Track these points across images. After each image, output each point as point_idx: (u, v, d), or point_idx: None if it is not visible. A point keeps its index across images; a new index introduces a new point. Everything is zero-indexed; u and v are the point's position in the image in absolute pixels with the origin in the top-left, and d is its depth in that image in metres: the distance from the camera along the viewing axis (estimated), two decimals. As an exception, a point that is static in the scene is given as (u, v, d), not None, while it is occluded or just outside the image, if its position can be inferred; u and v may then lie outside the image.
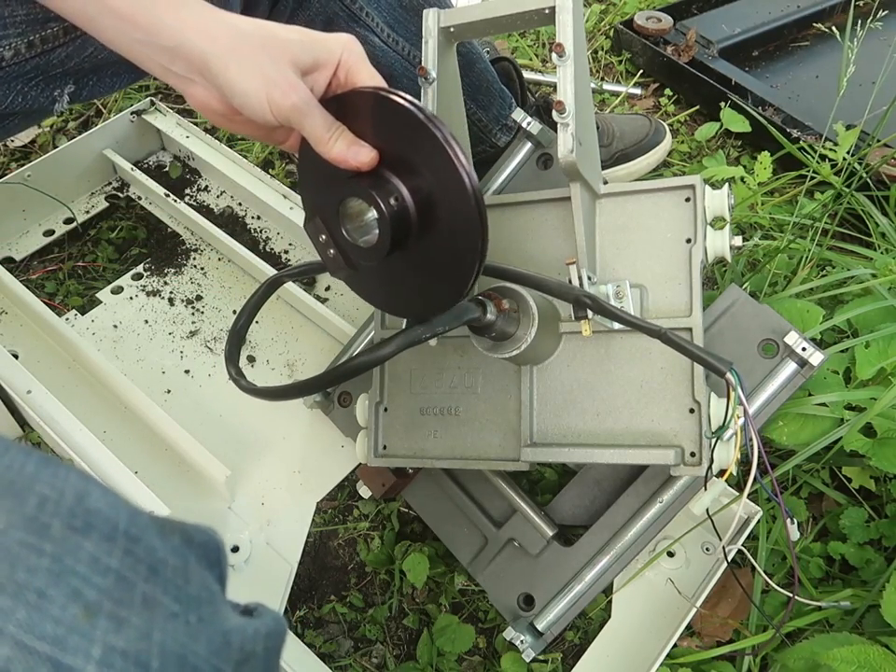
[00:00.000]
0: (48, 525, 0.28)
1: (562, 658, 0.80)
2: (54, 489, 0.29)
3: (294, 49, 0.52)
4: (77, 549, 0.28)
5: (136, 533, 0.30)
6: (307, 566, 0.88)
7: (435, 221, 0.51)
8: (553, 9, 0.61)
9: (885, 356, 0.80)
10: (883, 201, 1.06)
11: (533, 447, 0.67)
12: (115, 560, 0.28)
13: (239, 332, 0.64)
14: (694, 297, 0.66)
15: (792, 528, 0.66)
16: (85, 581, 0.27)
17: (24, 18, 0.66)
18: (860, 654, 0.64)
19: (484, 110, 0.99)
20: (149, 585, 0.29)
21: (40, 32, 0.67)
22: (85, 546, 0.28)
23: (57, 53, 0.69)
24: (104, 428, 0.94)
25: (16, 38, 0.67)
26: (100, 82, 0.76)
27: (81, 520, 0.28)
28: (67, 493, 0.29)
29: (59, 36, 0.68)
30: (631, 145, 1.18)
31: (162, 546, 0.31)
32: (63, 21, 0.68)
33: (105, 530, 0.29)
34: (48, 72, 0.70)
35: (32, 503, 0.28)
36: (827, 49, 1.42)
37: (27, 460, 0.29)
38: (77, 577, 0.27)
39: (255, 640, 0.33)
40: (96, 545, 0.28)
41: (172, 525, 0.33)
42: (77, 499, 0.29)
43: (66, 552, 0.27)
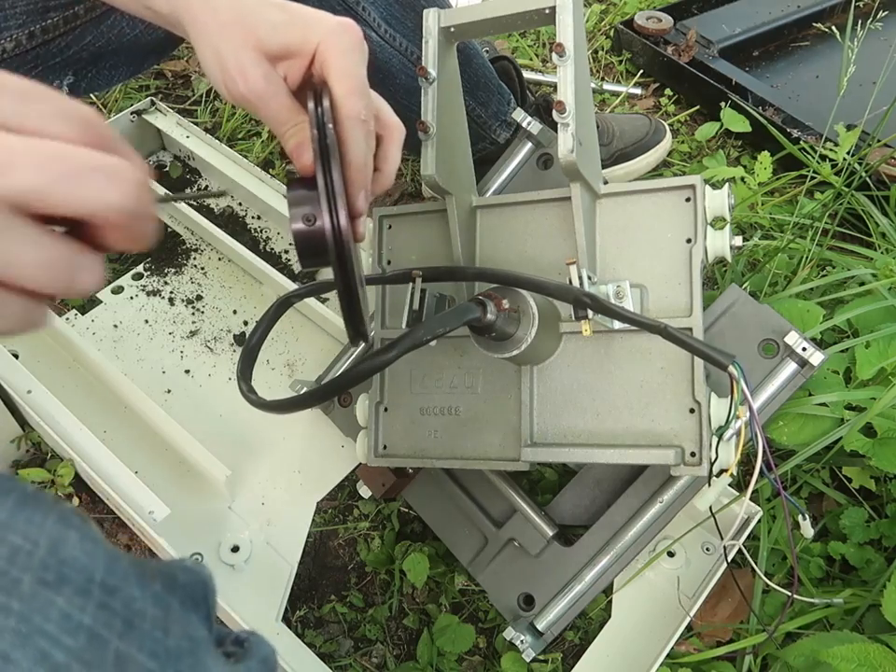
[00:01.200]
0: (18, 580, 0.26)
1: (562, 658, 0.80)
2: (27, 539, 0.27)
3: (262, 33, 0.47)
4: (48, 605, 0.26)
5: (114, 583, 0.28)
6: (307, 566, 0.88)
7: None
8: (553, 9, 0.61)
9: (885, 356, 0.80)
10: (883, 201, 1.06)
11: (533, 447, 0.67)
12: (88, 616, 0.27)
13: (251, 351, 0.64)
14: (695, 297, 0.65)
15: (805, 525, 0.66)
16: (54, 642, 0.26)
17: (25, 9, 0.67)
18: (859, 652, 0.64)
19: (483, 106, 0.99)
20: (124, 642, 0.28)
21: (40, 22, 0.68)
22: (56, 602, 0.27)
23: (56, 42, 0.70)
24: (104, 428, 0.94)
25: (17, 30, 0.67)
26: (98, 74, 0.76)
27: (54, 572, 0.27)
28: (41, 542, 0.27)
29: (59, 26, 0.69)
30: (631, 144, 1.18)
31: (142, 595, 0.29)
32: (63, 11, 0.68)
33: (80, 582, 0.27)
34: (47, 61, 0.71)
35: (2, 555, 0.27)
36: (827, 49, 1.42)
37: (1, 506, 0.28)
38: (45, 637, 0.26)
39: None
40: (68, 600, 0.27)
41: (153, 569, 0.32)
42: (50, 549, 0.27)
43: (35, 609, 0.26)
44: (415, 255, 0.78)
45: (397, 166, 0.55)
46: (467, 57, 0.93)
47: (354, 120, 0.46)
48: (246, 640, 0.35)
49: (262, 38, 0.47)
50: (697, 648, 0.77)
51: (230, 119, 1.31)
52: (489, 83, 0.98)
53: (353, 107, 0.46)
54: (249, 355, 0.64)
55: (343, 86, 0.46)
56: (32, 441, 0.93)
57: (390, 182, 0.55)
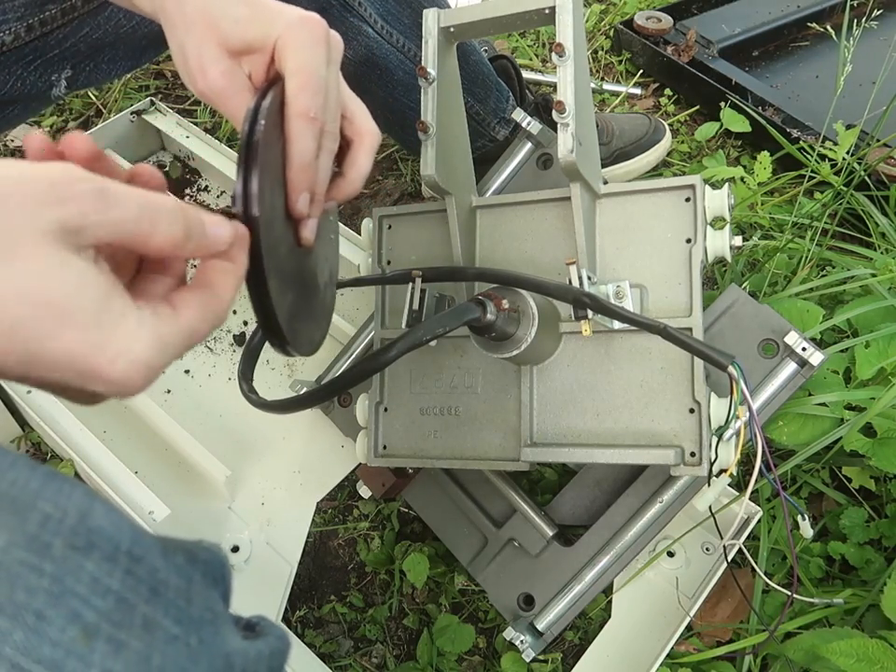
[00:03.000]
0: (49, 544, 0.27)
1: (562, 658, 0.80)
2: (57, 507, 0.28)
3: (225, 28, 0.46)
4: (78, 569, 0.27)
5: (139, 553, 0.29)
6: (307, 566, 0.88)
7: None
8: (552, 9, 0.61)
9: (885, 355, 0.80)
10: (883, 200, 1.06)
11: (533, 447, 0.67)
12: (116, 581, 0.28)
13: (253, 352, 0.64)
14: (694, 297, 0.65)
15: (805, 525, 0.66)
16: (84, 602, 0.27)
17: (24, 2, 0.67)
18: (859, 647, 0.64)
19: (482, 103, 0.99)
20: (150, 607, 0.29)
21: (39, 14, 0.68)
22: (86, 566, 0.27)
23: (55, 35, 0.70)
24: (104, 428, 0.94)
25: (15, 22, 0.68)
26: (97, 68, 0.77)
27: (83, 539, 0.28)
28: (70, 511, 0.28)
29: (57, 18, 0.69)
30: (630, 143, 1.18)
31: (165, 566, 0.30)
32: (62, 3, 0.69)
33: (108, 550, 0.28)
34: (45, 54, 0.71)
35: (34, 521, 0.27)
36: (827, 49, 1.42)
37: (32, 476, 0.29)
38: (76, 598, 0.27)
39: (258, 662, 0.33)
40: (97, 565, 0.28)
41: (175, 544, 0.33)
42: (79, 518, 0.28)
43: (67, 572, 0.27)
44: (415, 255, 0.78)
45: (364, 173, 0.52)
46: (463, 53, 0.93)
47: (301, 118, 0.45)
48: (257, 624, 0.36)
49: (225, 33, 0.46)
50: (697, 648, 0.77)
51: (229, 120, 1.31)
52: (486, 80, 0.98)
53: (302, 104, 0.45)
54: (251, 355, 0.64)
55: (294, 81, 0.45)
56: (32, 440, 0.93)
57: (355, 189, 0.52)
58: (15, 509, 0.28)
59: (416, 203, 0.80)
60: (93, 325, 0.31)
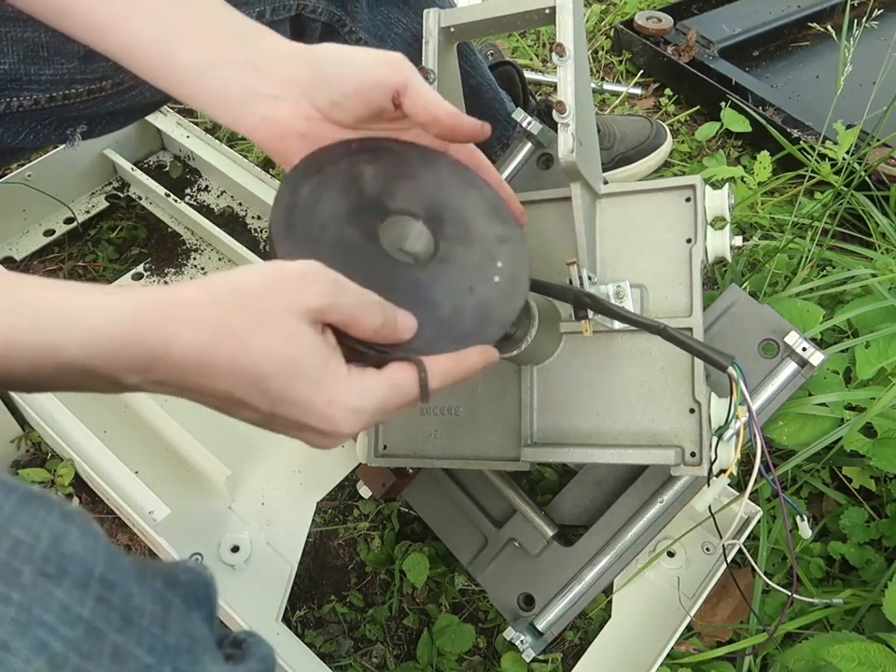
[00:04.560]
0: (19, 571, 0.27)
1: (562, 658, 0.80)
2: (29, 532, 0.28)
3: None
4: (47, 597, 0.27)
5: (113, 579, 0.29)
6: (307, 566, 0.88)
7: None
8: (553, 9, 0.61)
9: (885, 356, 0.80)
10: (883, 200, 1.06)
11: (533, 447, 0.67)
12: (86, 609, 0.27)
13: None
14: (695, 297, 0.65)
15: (803, 525, 0.66)
16: (52, 632, 0.26)
17: (50, 77, 0.65)
18: (860, 651, 0.64)
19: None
20: (121, 636, 0.28)
21: (64, 90, 0.66)
22: (56, 594, 0.27)
23: (76, 106, 0.69)
24: (104, 428, 0.94)
25: (38, 93, 0.66)
26: (112, 121, 0.76)
27: (54, 565, 0.27)
28: (43, 536, 0.28)
29: (82, 95, 0.68)
30: (632, 147, 1.18)
31: (140, 592, 0.30)
32: (89, 84, 0.67)
33: (79, 576, 0.28)
34: (63, 115, 0.70)
35: (4, 547, 0.27)
36: (827, 50, 1.42)
37: (6, 500, 0.28)
38: (43, 628, 0.26)
39: None
40: (67, 592, 0.27)
41: (154, 568, 0.32)
42: (52, 543, 0.28)
43: (35, 600, 0.27)
44: None
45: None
46: (478, 92, 0.93)
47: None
48: (244, 641, 0.36)
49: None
50: (697, 648, 0.77)
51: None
52: (497, 114, 0.98)
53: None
54: None
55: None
56: (32, 440, 0.93)
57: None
58: None
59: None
60: (319, 377, 0.40)
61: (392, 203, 0.52)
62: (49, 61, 0.64)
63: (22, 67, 0.64)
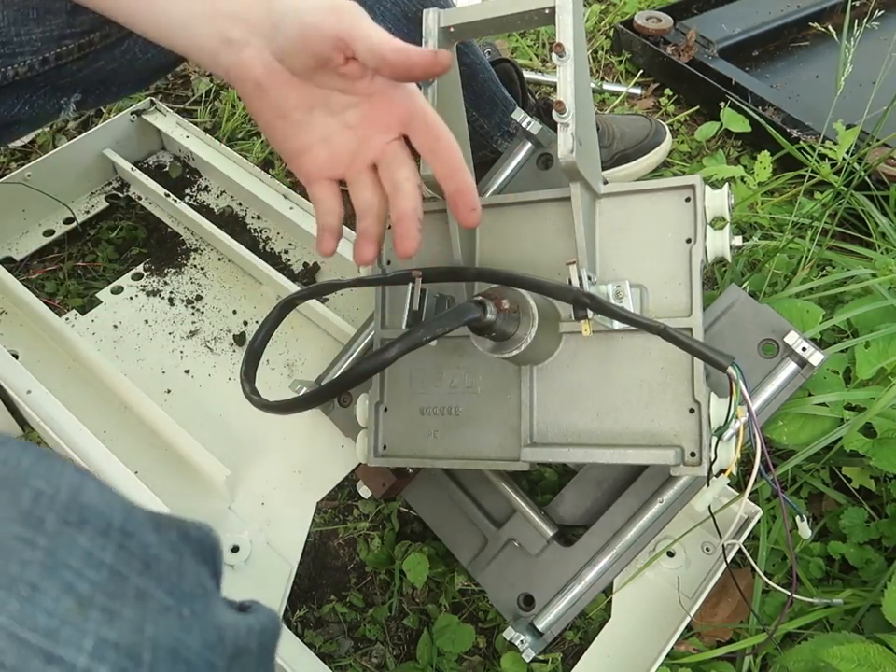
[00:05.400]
0: (42, 519, 0.28)
1: (562, 658, 0.80)
2: (50, 484, 0.29)
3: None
4: (71, 543, 0.28)
5: (131, 529, 0.30)
6: (307, 566, 0.88)
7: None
8: (552, 9, 0.61)
9: (885, 356, 0.80)
10: (883, 201, 1.06)
11: (533, 447, 0.67)
12: (108, 555, 0.28)
13: (255, 353, 0.64)
14: (694, 297, 0.65)
15: (803, 526, 0.66)
16: (78, 574, 0.27)
17: (40, 36, 0.66)
18: (859, 652, 0.64)
19: (487, 117, 0.99)
20: (143, 579, 0.29)
21: (55, 49, 0.67)
22: (79, 540, 0.28)
23: (69, 68, 0.70)
24: (104, 428, 0.94)
25: (31, 56, 0.67)
26: (106, 91, 0.77)
27: (76, 514, 0.29)
28: (63, 488, 0.29)
29: (73, 52, 0.68)
30: (631, 146, 1.18)
31: (157, 542, 0.31)
32: (79, 38, 0.68)
33: (100, 525, 0.29)
34: (56, 82, 0.71)
35: (27, 497, 0.28)
36: (827, 49, 1.42)
37: (23, 455, 0.30)
38: (70, 570, 0.27)
39: (248, 636, 0.33)
40: (90, 540, 0.28)
41: (168, 521, 0.33)
42: (72, 495, 0.29)
43: (60, 546, 0.27)
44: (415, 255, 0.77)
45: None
46: (472, 72, 0.93)
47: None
48: (250, 606, 0.37)
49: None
50: (697, 648, 0.77)
51: (229, 120, 1.32)
52: (494, 96, 0.99)
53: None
54: (253, 356, 0.64)
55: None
56: (32, 440, 0.93)
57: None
58: (7, 486, 0.28)
59: (416, 203, 0.81)
60: None
61: None
62: (39, 21, 0.65)
63: (13, 30, 0.65)
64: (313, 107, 0.57)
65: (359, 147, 0.59)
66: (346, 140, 0.59)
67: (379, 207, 0.60)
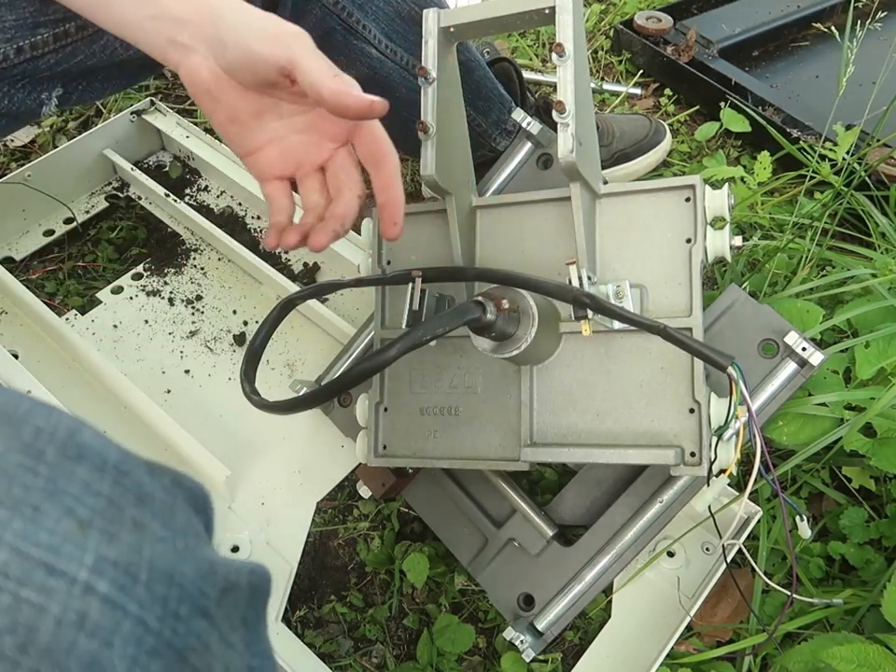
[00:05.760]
0: (42, 451, 0.29)
1: (562, 658, 0.80)
2: (48, 423, 0.30)
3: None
4: (70, 473, 0.29)
5: (126, 468, 0.31)
6: (307, 566, 0.88)
7: None
8: (552, 9, 0.61)
9: (885, 355, 0.80)
10: (883, 201, 1.06)
11: (533, 447, 0.67)
12: (105, 486, 0.30)
13: (255, 353, 0.64)
14: (694, 297, 0.65)
15: (803, 526, 0.66)
16: (77, 500, 0.29)
17: (14, 23, 0.66)
18: (859, 653, 0.64)
19: (484, 115, 0.99)
20: (138, 511, 0.30)
21: (30, 38, 0.67)
22: (77, 472, 0.29)
23: (46, 59, 0.69)
24: (104, 428, 0.93)
25: (5, 44, 0.67)
26: (89, 87, 0.76)
27: (74, 450, 0.30)
28: (61, 427, 0.30)
29: (48, 43, 0.68)
30: (631, 144, 1.18)
31: (151, 482, 0.32)
32: (54, 27, 0.68)
33: (96, 461, 0.30)
34: (35, 75, 0.70)
35: (27, 432, 0.29)
36: (827, 49, 1.42)
37: (22, 399, 0.31)
38: (69, 496, 0.28)
39: (239, 573, 0.34)
40: (87, 472, 0.30)
41: (163, 468, 0.35)
42: (69, 433, 0.30)
43: (60, 475, 0.29)
44: (415, 255, 0.78)
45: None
46: (468, 69, 0.93)
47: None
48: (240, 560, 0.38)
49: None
50: (697, 648, 0.77)
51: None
52: (490, 93, 0.98)
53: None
54: (253, 356, 0.64)
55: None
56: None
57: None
58: (8, 422, 0.29)
59: (416, 203, 0.80)
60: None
61: None
62: (10, 6, 0.66)
63: None
64: (263, 113, 0.60)
65: (308, 150, 0.62)
66: (296, 143, 0.62)
67: (324, 209, 0.64)
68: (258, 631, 0.35)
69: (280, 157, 0.62)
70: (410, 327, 0.61)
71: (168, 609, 0.29)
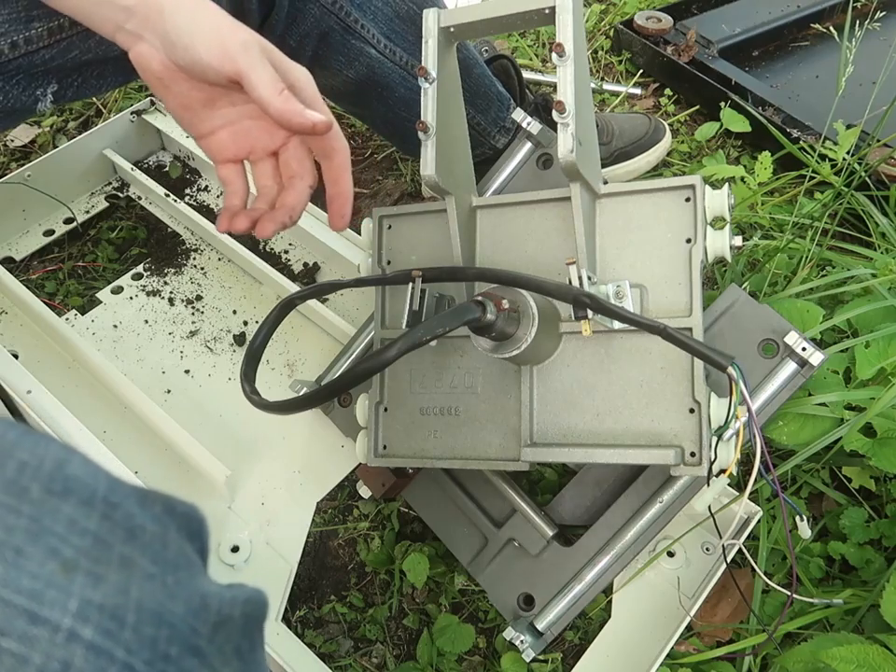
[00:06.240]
0: (26, 488, 0.28)
1: (562, 658, 0.80)
2: (34, 456, 0.29)
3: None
4: (55, 511, 0.28)
5: (115, 500, 0.30)
6: (307, 566, 0.88)
7: None
8: (552, 9, 0.61)
9: (885, 355, 0.80)
10: (883, 201, 1.06)
11: (533, 447, 0.67)
12: (93, 523, 0.29)
13: (255, 353, 0.65)
14: (694, 297, 0.65)
15: (803, 526, 0.66)
16: (62, 540, 0.28)
17: (7, 18, 0.66)
18: (858, 653, 0.64)
19: (483, 114, 0.99)
20: (127, 547, 0.29)
21: (24, 32, 0.67)
22: (63, 509, 0.28)
23: (41, 54, 0.69)
24: (104, 428, 0.94)
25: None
26: (84, 83, 0.76)
27: (60, 485, 0.29)
28: (47, 460, 0.29)
29: (43, 37, 0.68)
30: (630, 143, 1.18)
31: (142, 513, 0.31)
32: (48, 21, 0.68)
33: (84, 495, 0.29)
34: (30, 70, 0.70)
35: (11, 468, 0.28)
36: (827, 50, 1.42)
37: (7, 429, 0.30)
38: (54, 536, 0.28)
39: (232, 605, 0.33)
40: (74, 508, 0.29)
41: (154, 496, 0.34)
42: (56, 466, 0.29)
43: (44, 513, 0.28)
44: (415, 255, 0.78)
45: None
46: (466, 67, 0.93)
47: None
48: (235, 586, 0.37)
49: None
50: (697, 648, 0.77)
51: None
52: (489, 91, 0.98)
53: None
54: (253, 357, 0.64)
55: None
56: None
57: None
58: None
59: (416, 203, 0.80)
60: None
61: None
62: (3, 0, 0.66)
63: None
64: (215, 100, 0.62)
65: (261, 135, 0.63)
66: (249, 127, 0.63)
67: (276, 195, 0.65)
68: (252, 660, 0.35)
69: (233, 140, 0.64)
70: (410, 327, 0.61)
71: (157, 652, 0.28)
